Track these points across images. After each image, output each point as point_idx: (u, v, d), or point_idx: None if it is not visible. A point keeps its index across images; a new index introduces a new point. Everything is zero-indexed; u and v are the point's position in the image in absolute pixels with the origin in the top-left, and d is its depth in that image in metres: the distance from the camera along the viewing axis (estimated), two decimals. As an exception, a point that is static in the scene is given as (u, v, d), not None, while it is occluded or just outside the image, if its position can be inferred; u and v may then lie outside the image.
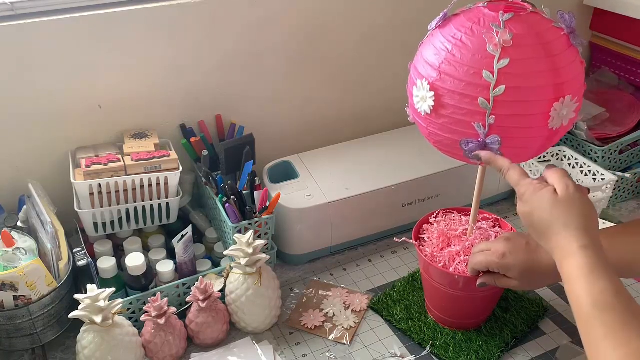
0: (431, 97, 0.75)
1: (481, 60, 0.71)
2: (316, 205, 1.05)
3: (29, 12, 0.94)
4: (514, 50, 0.71)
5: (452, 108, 0.74)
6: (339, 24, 1.17)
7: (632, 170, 1.21)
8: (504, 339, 0.92)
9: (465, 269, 0.86)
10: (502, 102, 0.71)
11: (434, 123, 0.77)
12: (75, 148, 1.04)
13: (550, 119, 0.73)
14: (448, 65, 0.73)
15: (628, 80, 1.39)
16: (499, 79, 0.70)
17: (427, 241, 0.93)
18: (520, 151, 0.77)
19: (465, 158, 0.79)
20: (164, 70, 1.06)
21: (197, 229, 1.11)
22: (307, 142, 1.23)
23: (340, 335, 0.95)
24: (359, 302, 1.00)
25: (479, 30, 0.72)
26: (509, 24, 0.72)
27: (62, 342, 0.93)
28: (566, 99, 0.72)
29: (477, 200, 0.89)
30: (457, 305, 0.91)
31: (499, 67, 0.70)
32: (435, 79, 0.74)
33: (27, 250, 0.90)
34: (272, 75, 1.16)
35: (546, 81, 0.71)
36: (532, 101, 0.72)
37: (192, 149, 1.09)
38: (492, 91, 0.71)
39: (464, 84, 0.72)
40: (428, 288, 0.95)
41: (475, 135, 0.74)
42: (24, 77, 0.96)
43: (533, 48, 0.71)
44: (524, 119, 0.73)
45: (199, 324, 0.91)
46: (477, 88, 0.72)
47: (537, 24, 0.73)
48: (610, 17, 1.37)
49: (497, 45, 0.70)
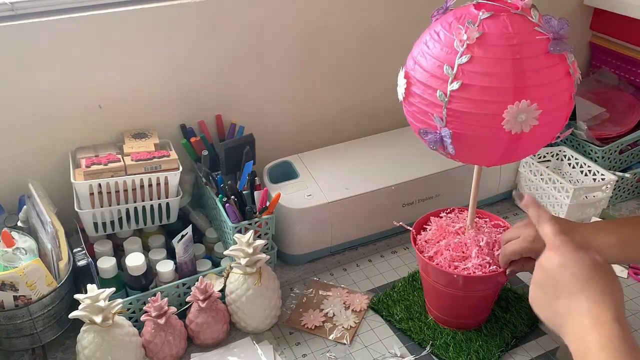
0: (403, 85, 0.79)
1: (447, 54, 0.73)
2: (316, 205, 1.05)
3: (29, 12, 0.94)
4: (478, 48, 0.72)
5: (418, 97, 0.77)
6: (339, 24, 1.17)
7: (632, 170, 1.21)
8: (504, 339, 0.92)
9: (447, 265, 0.87)
10: (458, 97, 0.73)
11: (407, 110, 0.81)
12: (75, 148, 1.04)
13: (505, 121, 0.71)
14: (421, 56, 0.77)
15: (628, 80, 1.39)
16: (457, 74, 0.72)
17: (423, 233, 0.93)
18: (481, 153, 0.77)
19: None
20: (164, 70, 1.06)
21: (197, 229, 1.11)
22: (307, 142, 1.23)
23: (340, 335, 0.95)
24: (359, 302, 1.00)
25: (456, 26, 0.74)
26: (485, 22, 0.72)
27: (62, 342, 0.93)
28: (522, 103, 0.70)
29: (473, 199, 0.89)
30: (456, 305, 0.92)
31: (459, 62, 0.72)
32: (409, 67, 0.78)
33: (27, 250, 0.90)
34: (272, 75, 1.16)
35: (506, 83, 0.71)
36: (486, 100, 0.72)
37: (192, 149, 1.09)
38: (449, 85, 0.73)
39: (428, 75, 0.75)
40: (427, 287, 0.95)
41: (434, 126, 0.77)
42: (24, 77, 0.96)
43: (499, 49, 0.71)
44: (477, 117, 0.73)
45: (199, 324, 0.91)
46: (439, 81, 0.74)
47: (515, 25, 0.72)
48: (610, 17, 1.37)
49: (462, 41, 0.72)
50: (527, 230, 0.82)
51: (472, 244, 0.89)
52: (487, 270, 0.86)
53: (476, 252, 0.88)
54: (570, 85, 0.75)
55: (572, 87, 0.75)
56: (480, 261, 0.87)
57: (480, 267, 0.87)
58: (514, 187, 1.26)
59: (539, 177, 1.18)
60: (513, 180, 1.25)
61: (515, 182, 1.25)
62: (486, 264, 0.87)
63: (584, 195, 1.13)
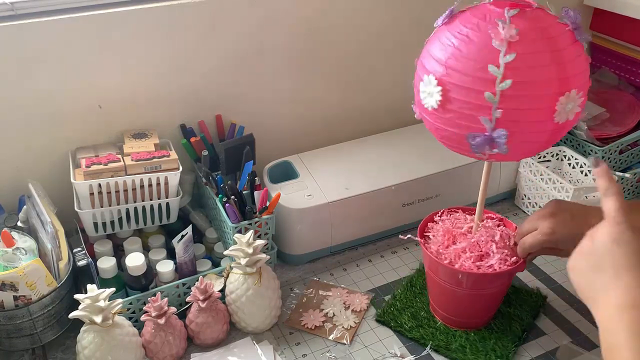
0: (438, 92, 0.75)
1: (487, 54, 0.72)
2: (316, 205, 1.05)
3: (29, 12, 0.94)
4: (519, 44, 0.71)
5: (459, 102, 0.74)
6: (339, 24, 1.17)
7: (632, 170, 1.21)
8: (516, 333, 0.93)
9: (472, 266, 0.86)
10: (508, 96, 0.72)
11: (441, 118, 0.78)
12: (75, 148, 1.04)
13: (557, 113, 0.73)
14: (454, 60, 0.74)
15: (628, 80, 1.39)
16: (505, 73, 0.71)
17: (433, 239, 0.93)
18: (526, 145, 0.78)
19: (471, 153, 0.79)
20: (164, 70, 1.06)
21: (197, 229, 1.11)
22: (307, 142, 1.23)
23: (340, 335, 0.95)
24: (359, 302, 1.00)
25: (485, 26, 0.73)
26: (514, 19, 0.73)
27: (62, 342, 0.93)
28: (572, 92, 0.73)
29: (482, 197, 0.90)
30: (470, 305, 0.92)
31: (505, 61, 0.71)
32: (442, 73, 0.75)
33: (27, 250, 0.90)
34: (272, 75, 1.16)
35: (552, 75, 0.72)
36: (537, 95, 0.72)
37: (192, 149, 1.09)
38: (498, 85, 0.71)
39: (471, 79, 0.73)
40: (434, 288, 0.94)
41: (482, 129, 0.75)
42: (24, 77, 0.96)
43: (538, 42, 0.72)
44: (530, 113, 0.73)
45: (199, 324, 0.91)
46: (484, 82, 0.72)
47: (542, 20, 0.74)
48: (610, 17, 1.37)
49: (503, 40, 0.71)
50: (545, 222, 0.83)
51: (487, 241, 0.89)
52: (510, 263, 0.87)
53: (495, 247, 0.88)
54: (589, 71, 0.78)
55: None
56: (501, 255, 0.87)
57: (503, 262, 0.87)
58: (514, 187, 1.26)
59: (539, 177, 1.18)
60: (513, 180, 1.25)
61: (515, 182, 1.25)
62: (506, 257, 0.88)
63: (584, 195, 1.13)
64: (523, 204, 1.24)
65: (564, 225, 0.82)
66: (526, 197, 1.23)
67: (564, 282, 1.05)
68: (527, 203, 1.23)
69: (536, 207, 1.21)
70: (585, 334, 0.94)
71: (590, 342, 0.93)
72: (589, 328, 0.96)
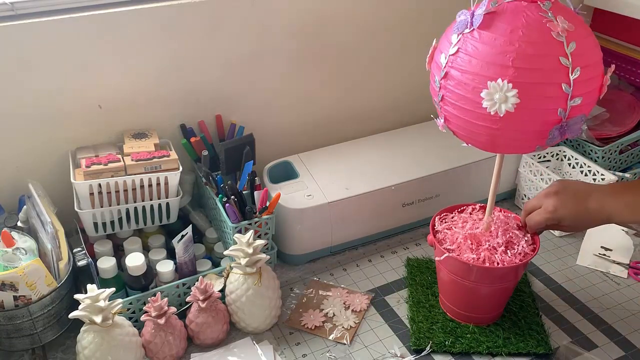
0: (514, 95, 0.74)
1: (553, 47, 0.73)
2: (316, 205, 1.05)
3: (29, 12, 0.94)
4: (572, 33, 0.74)
5: (535, 100, 0.75)
6: (339, 24, 1.17)
7: (632, 170, 1.21)
8: (529, 325, 0.95)
9: (510, 257, 0.88)
10: (578, 82, 0.74)
11: (515, 121, 0.76)
12: (75, 148, 1.04)
13: (603, 89, 0.79)
14: (522, 60, 0.73)
15: (628, 80, 1.39)
16: (573, 62, 0.73)
17: (456, 249, 0.91)
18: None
19: (537, 145, 0.81)
20: (164, 70, 1.06)
21: (197, 229, 1.11)
22: (307, 142, 1.23)
23: (340, 335, 0.95)
24: (359, 302, 1.00)
25: (534, 22, 0.74)
26: (552, 10, 0.75)
27: (62, 342, 0.93)
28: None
29: (493, 191, 0.91)
30: (491, 299, 0.94)
31: (570, 50, 0.73)
32: (513, 75, 0.74)
33: (27, 250, 0.90)
34: (272, 75, 1.16)
35: (599, 56, 0.77)
36: (596, 76, 0.77)
37: (192, 149, 1.09)
38: (572, 74, 0.73)
39: (545, 73, 0.74)
40: (460, 292, 0.94)
41: (558, 120, 0.76)
42: (24, 77, 0.96)
43: (580, 29, 0.75)
44: (594, 94, 0.78)
45: (199, 324, 0.91)
46: (558, 74, 0.74)
47: (565, 9, 0.77)
48: (610, 17, 1.37)
49: (563, 30, 0.73)
50: (549, 200, 0.89)
51: (508, 230, 0.92)
52: (530, 244, 0.91)
53: (518, 232, 0.92)
54: None
55: None
56: (526, 241, 0.91)
57: (528, 244, 0.91)
58: (514, 187, 1.26)
59: (539, 177, 1.18)
60: (513, 180, 1.25)
61: (515, 182, 1.25)
62: (526, 237, 0.92)
63: (584, 195, 1.13)
64: (523, 204, 1.24)
65: (566, 204, 0.87)
66: (526, 197, 1.23)
67: (564, 282, 1.05)
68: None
69: (536, 207, 1.21)
70: (585, 334, 0.95)
71: (590, 342, 0.93)
72: (589, 328, 0.96)
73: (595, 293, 1.02)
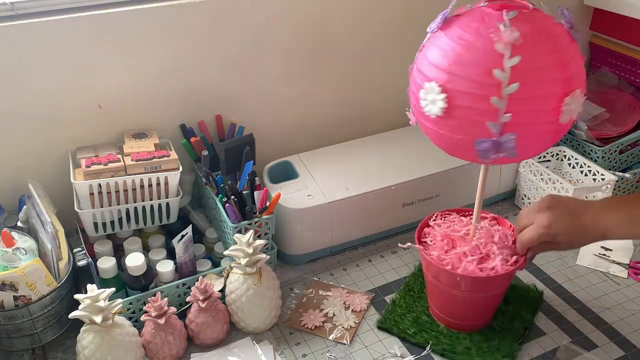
0: (442, 99, 0.74)
1: (491, 59, 0.71)
2: (316, 205, 1.05)
3: (29, 12, 0.94)
4: (522, 47, 0.71)
5: (465, 109, 0.73)
6: (339, 24, 1.17)
7: (632, 170, 1.21)
8: (518, 331, 0.93)
9: (475, 270, 0.86)
10: (515, 99, 0.71)
11: (446, 125, 0.76)
12: (75, 148, 1.04)
13: (562, 114, 0.73)
14: (457, 66, 0.73)
15: (628, 80, 1.39)
16: (511, 76, 0.70)
17: (432, 245, 0.92)
18: (531, 148, 0.77)
19: (476, 158, 0.78)
20: (164, 70, 1.06)
21: (197, 229, 1.11)
22: (307, 142, 1.23)
23: (340, 335, 0.95)
24: (359, 302, 1.00)
25: (486, 30, 0.72)
26: (514, 22, 0.72)
27: (62, 342, 0.93)
28: (576, 92, 0.73)
29: (479, 200, 0.89)
30: (468, 307, 0.91)
31: (510, 64, 0.70)
32: (445, 80, 0.74)
33: (27, 250, 0.90)
34: (272, 75, 1.16)
35: (556, 75, 0.72)
36: (544, 96, 0.72)
37: (192, 149, 1.09)
38: (505, 89, 0.70)
39: (476, 84, 0.72)
40: (436, 293, 0.94)
41: (489, 134, 0.74)
42: (24, 77, 0.96)
43: (540, 44, 0.72)
44: (536, 115, 0.73)
45: (199, 324, 0.91)
46: (489, 87, 0.71)
47: (541, 21, 0.74)
48: (610, 17, 1.37)
49: (507, 43, 0.70)
50: (542, 215, 0.84)
51: (487, 243, 0.89)
52: (511, 263, 0.87)
53: (496, 249, 0.88)
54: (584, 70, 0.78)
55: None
56: (502, 256, 0.87)
57: (504, 262, 0.87)
58: (514, 187, 1.26)
59: (539, 177, 1.18)
60: (513, 180, 1.25)
61: (515, 182, 1.25)
62: (506, 257, 0.88)
63: (584, 195, 1.13)
64: (523, 204, 1.24)
65: (561, 218, 0.83)
66: (526, 197, 1.23)
67: (564, 282, 1.05)
68: (527, 203, 1.23)
69: (536, 207, 1.21)
70: (586, 334, 0.94)
71: (590, 342, 0.93)
72: (589, 328, 0.96)
73: (595, 293, 1.02)
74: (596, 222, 0.82)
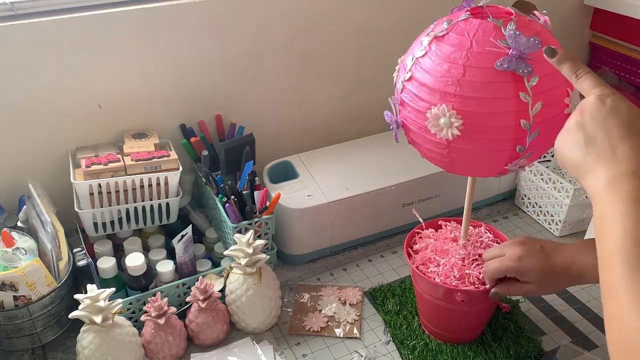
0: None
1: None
2: (316, 205, 1.05)
3: (29, 12, 0.94)
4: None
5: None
6: (339, 24, 1.17)
7: (632, 170, 1.21)
8: (507, 349, 0.90)
9: (463, 284, 0.84)
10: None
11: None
12: (75, 148, 1.04)
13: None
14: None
15: (628, 80, 1.39)
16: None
17: (419, 256, 0.90)
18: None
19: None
20: (164, 71, 1.06)
21: (197, 229, 1.11)
22: (307, 142, 1.23)
23: (348, 330, 0.95)
24: (352, 295, 1.01)
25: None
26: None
27: (62, 342, 0.93)
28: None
29: (467, 213, 0.87)
30: (455, 320, 0.89)
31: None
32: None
33: (27, 250, 0.90)
34: (272, 75, 1.16)
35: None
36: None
37: (192, 149, 1.09)
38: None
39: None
40: (423, 305, 0.92)
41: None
42: (24, 77, 0.96)
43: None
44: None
45: (199, 324, 0.91)
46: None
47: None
48: (610, 17, 1.37)
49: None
50: (513, 248, 0.80)
51: (476, 256, 0.87)
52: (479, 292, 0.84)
53: (474, 266, 0.86)
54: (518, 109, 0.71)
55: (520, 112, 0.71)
56: (480, 281, 0.85)
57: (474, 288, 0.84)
58: (514, 187, 1.26)
59: (539, 177, 1.18)
60: (513, 180, 1.25)
61: (515, 182, 1.25)
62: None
63: (584, 195, 1.13)
64: (523, 204, 1.24)
65: (533, 255, 0.78)
66: (526, 197, 1.23)
67: (564, 282, 1.05)
68: (527, 203, 1.23)
69: (536, 207, 1.21)
70: (586, 334, 0.95)
71: (590, 342, 0.93)
72: (589, 328, 0.96)
73: (595, 293, 1.02)
74: (571, 264, 0.77)
